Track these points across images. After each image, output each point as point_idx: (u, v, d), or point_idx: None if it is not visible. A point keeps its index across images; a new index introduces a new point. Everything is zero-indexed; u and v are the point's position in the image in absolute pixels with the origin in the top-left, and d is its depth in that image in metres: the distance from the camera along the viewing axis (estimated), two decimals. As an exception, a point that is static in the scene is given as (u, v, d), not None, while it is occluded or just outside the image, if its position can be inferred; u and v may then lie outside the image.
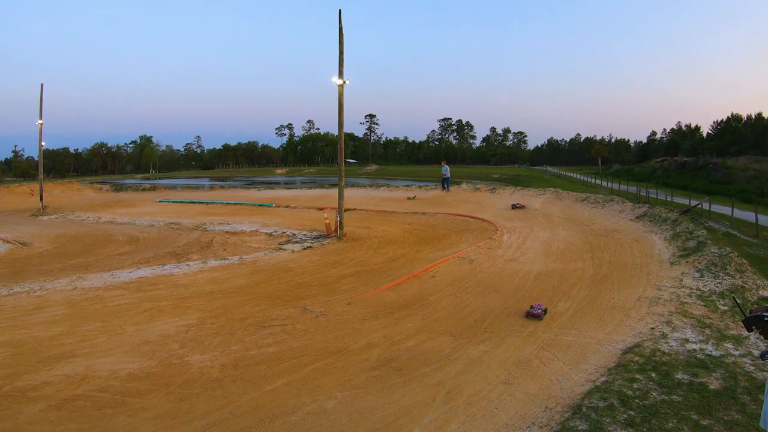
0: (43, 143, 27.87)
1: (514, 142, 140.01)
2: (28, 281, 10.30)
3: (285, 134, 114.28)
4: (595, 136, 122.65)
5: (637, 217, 15.97)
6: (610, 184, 33.62)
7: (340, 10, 15.16)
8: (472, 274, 10.25)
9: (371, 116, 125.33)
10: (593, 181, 39.62)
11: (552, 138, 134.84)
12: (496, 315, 7.72)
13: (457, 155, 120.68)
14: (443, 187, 27.19)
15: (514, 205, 20.49)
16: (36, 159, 53.44)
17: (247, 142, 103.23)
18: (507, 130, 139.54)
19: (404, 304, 8.33)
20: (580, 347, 6.16)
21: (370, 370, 5.84)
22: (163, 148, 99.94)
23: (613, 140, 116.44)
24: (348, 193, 15.93)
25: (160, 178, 56.24)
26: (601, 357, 5.78)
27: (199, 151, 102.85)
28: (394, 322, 7.50)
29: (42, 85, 26.28)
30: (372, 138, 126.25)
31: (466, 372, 5.61)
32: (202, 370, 5.96)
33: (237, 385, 5.57)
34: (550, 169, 74.27)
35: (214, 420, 4.86)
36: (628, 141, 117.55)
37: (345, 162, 15.75)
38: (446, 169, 27.47)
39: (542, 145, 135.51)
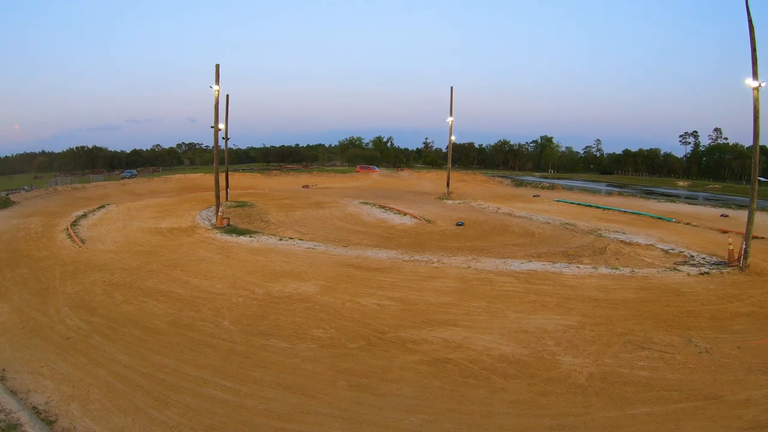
0: (452, 137, 33.69)
1: None
2: (428, 253, 13.22)
3: (690, 143, 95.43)
4: None
5: None
6: None
7: None
8: None
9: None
10: None
11: None
12: None
13: None
14: None
15: None
16: (444, 150, 66.52)
17: (648, 149, 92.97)
18: None
19: (801, 363, 6.63)
20: None
21: (740, 429, 5.04)
22: (563, 149, 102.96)
23: None
24: (755, 217, 12.80)
25: (557, 178, 58.56)
26: None
27: (598, 154, 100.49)
28: (784, 381, 6.14)
29: (452, 87, 31.80)
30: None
31: None
32: (570, 373, 6.17)
33: (599, 399, 5.50)
34: None
35: (566, 424, 4.98)
36: None
37: (758, 180, 12.52)
38: None
39: None
